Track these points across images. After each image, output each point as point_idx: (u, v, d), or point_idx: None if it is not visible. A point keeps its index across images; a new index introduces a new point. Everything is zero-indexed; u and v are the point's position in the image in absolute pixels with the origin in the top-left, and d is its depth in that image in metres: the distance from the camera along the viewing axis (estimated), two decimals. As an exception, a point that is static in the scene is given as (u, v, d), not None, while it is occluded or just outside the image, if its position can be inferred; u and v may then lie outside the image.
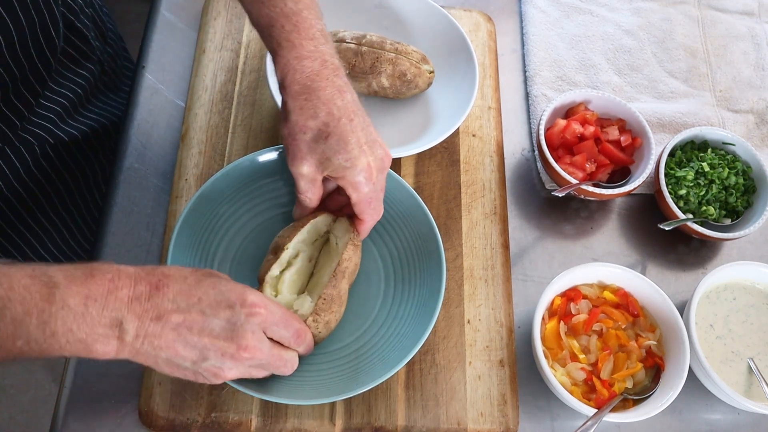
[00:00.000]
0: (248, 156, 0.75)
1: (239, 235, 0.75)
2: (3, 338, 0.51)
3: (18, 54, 0.72)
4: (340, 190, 0.69)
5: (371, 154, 0.65)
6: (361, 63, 0.84)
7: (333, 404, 0.72)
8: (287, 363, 0.61)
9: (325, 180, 0.68)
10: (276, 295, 0.67)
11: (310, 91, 0.63)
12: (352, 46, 0.84)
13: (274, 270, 0.68)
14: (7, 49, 0.70)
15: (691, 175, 0.84)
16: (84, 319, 0.52)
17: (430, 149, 0.87)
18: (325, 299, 0.66)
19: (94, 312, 0.53)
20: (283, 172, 0.76)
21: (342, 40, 0.85)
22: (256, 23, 0.68)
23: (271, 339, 0.60)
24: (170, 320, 0.55)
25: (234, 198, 0.75)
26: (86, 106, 0.90)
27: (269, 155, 0.76)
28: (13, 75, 0.73)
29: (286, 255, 0.69)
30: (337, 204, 0.73)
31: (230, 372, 0.58)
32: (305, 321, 0.65)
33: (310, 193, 0.67)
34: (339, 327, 0.71)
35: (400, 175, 0.85)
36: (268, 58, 0.81)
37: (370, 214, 0.68)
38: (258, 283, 0.68)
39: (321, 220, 0.72)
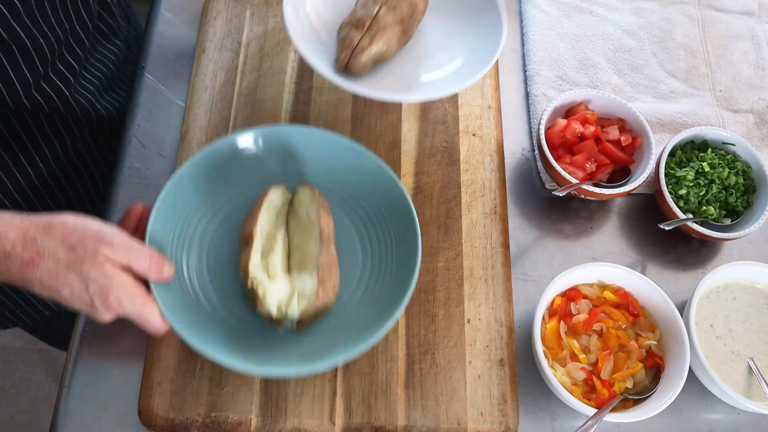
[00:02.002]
0: (197, 153, 0.75)
1: (204, 243, 0.75)
2: None
3: (61, 18, 0.76)
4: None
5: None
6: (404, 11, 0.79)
7: (333, 404, 0.72)
8: (143, 300, 0.64)
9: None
10: (273, 280, 0.69)
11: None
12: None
13: (255, 257, 0.68)
14: (50, 6, 0.73)
15: (691, 175, 0.84)
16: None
17: (431, 149, 0.87)
18: (324, 268, 0.68)
19: None
20: (235, 159, 0.77)
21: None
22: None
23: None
24: (35, 288, 0.61)
25: (194, 204, 0.75)
26: (117, 82, 0.93)
27: (221, 143, 0.76)
28: (58, 38, 0.76)
29: (258, 242, 0.70)
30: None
31: (112, 312, 0.62)
32: (316, 295, 0.67)
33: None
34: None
35: (399, 174, 0.85)
36: (285, 6, 0.78)
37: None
38: (243, 279, 0.68)
39: (273, 197, 0.73)
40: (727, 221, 0.85)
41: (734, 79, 0.99)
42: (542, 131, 0.85)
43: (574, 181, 0.82)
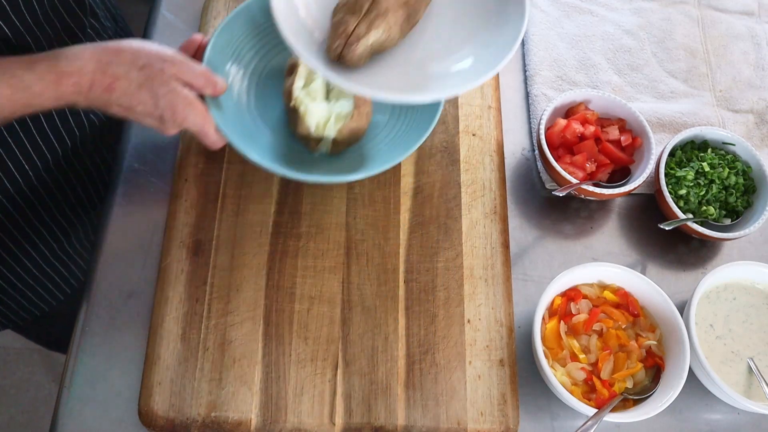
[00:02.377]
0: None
1: (254, 75, 0.83)
2: None
3: (60, 11, 0.78)
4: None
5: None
6: None
7: (333, 404, 0.72)
8: (196, 105, 0.71)
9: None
10: (314, 102, 0.76)
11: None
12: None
13: (299, 83, 0.76)
14: (39, 6, 0.74)
15: (691, 175, 0.84)
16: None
17: (431, 149, 0.87)
18: (359, 96, 0.77)
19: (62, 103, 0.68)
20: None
21: None
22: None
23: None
24: (113, 109, 0.70)
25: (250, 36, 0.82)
26: None
27: None
28: (57, 29, 0.77)
29: (302, 69, 0.77)
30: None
31: (180, 123, 0.71)
32: (351, 116, 0.77)
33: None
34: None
35: (400, 174, 0.85)
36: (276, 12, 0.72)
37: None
38: (286, 101, 0.77)
39: None
40: (727, 221, 0.85)
41: (734, 79, 0.99)
42: (542, 131, 0.85)
43: (574, 181, 0.82)
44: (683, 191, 0.84)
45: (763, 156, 0.92)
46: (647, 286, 0.76)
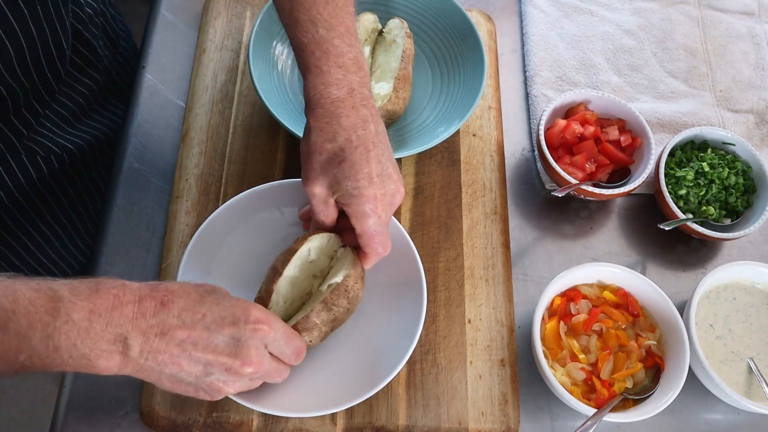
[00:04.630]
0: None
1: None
2: (6, 351, 0.50)
3: (29, 67, 0.73)
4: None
5: (381, 188, 0.64)
6: None
7: (333, 404, 0.72)
8: (282, 375, 0.63)
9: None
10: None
11: (332, 116, 0.64)
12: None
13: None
14: (18, 62, 0.70)
15: (691, 175, 0.84)
16: (88, 334, 0.52)
17: (431, 149, 0.87)
18: (399, 80, 0.84)
19: (98, 327, 0.53)
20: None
21: None
22: (292, 45, 0.69)
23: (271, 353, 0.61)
24: (175, 336, 0.55)
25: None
26: (90, 114, 0.90)
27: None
28: (24, 88, 0.74)
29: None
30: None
31: (232, 386, 0.59)
32: (389, 98, 0.81)
33: (323, 215, 0.67)
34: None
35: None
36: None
37: (374, 248, 0.67)
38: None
39: (365, 19, 0.87)
40: (727, 221, 0.85)
41: (734, 79, 0.99)
42: (542, 131, 0.85)
43: (573, 181, 0.82)
44: (683, 191, 0.84)
45: (763, 156, 0.92)
46: (647, 286, 0.76)
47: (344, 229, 0.70)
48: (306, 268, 0.70)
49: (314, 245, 0.69)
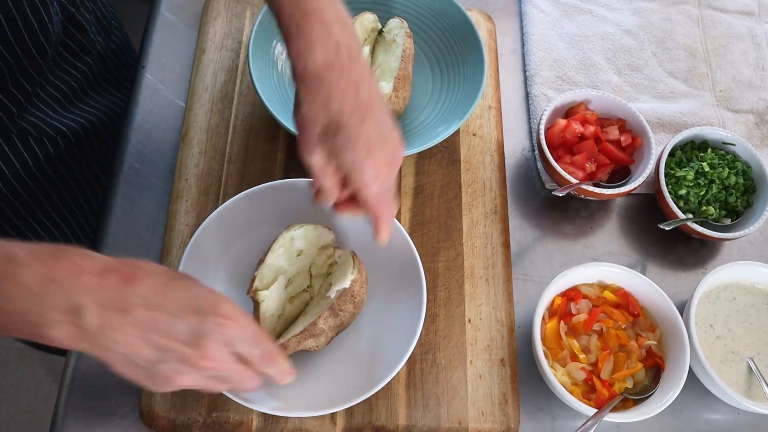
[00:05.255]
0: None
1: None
2: None
3: (12, 44, 0.72)
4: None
5: (381, 153, 0.62)
6: None
7: (333, 404, 0.72)
8: (249, 380, 0.58)
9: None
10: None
11: (321, 83, 0.60)
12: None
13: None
14: (1, 38, 0.71)
15: (691, 175, 0.84)
16: (39, 301, 0.49)
17: (431, 149, 0.87)
18: (399, 79, 0.82)
19: (52, 294, 0.49)
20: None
21: None
22: (273, 16, 0.65)
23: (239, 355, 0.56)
24: (136, 316, 0.51)
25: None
26: (83, 98, 0.90)
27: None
28: (9, 64, 0.73)
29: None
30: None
31: (185, 379, 0.55)
32: (389, 98, 0.80)
33: (326, 181, 0.64)
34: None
35: (400, 174, 0.85)
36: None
37: (382, 213, 0.65)
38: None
39: (365, 18, 0.86)
40: (727, 221, 0.85)
41: (734, 79, 0.99)
42: (542, 131, 0.85)
43: (574, 181, 0.82)
44: (683, 191, 0.84)
45: (763, 156, 0.92)
46: (647, 286, 0.76)
47: (344, 200, 0.67)
48: (294, 259, 0.70)
49: (297, 234, 0.70)
